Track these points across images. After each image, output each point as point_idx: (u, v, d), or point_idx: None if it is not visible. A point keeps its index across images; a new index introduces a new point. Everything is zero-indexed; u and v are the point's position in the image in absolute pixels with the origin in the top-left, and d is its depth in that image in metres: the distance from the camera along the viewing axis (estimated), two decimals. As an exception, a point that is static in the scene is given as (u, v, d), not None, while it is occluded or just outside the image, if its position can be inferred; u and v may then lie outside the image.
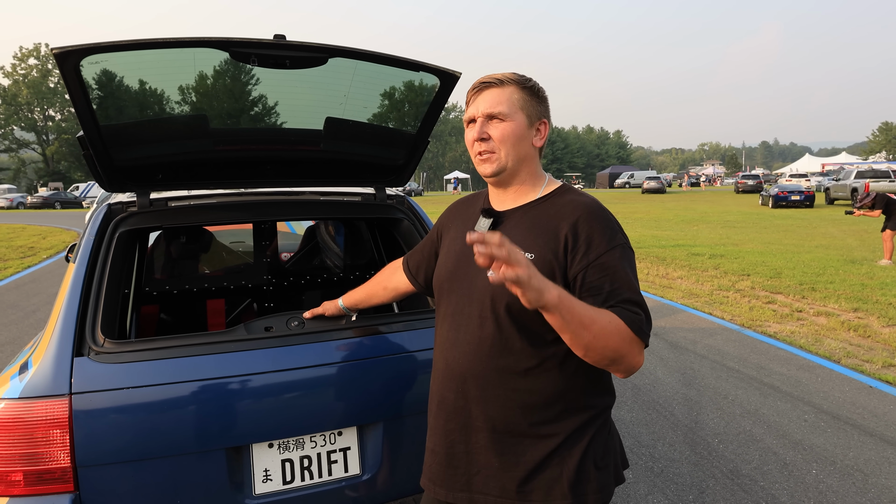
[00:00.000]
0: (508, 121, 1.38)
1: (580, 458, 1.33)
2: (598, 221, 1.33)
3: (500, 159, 1.39)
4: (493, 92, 1.38)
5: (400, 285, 1.81)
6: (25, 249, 14.46)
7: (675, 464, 3.38)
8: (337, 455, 1.87)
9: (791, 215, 21.81)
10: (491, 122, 1.39)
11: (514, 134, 1.38)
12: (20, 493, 1.58)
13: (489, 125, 1.39)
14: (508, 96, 1.38)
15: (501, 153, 1.39)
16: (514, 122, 1.38)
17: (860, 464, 3.36)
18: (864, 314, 6.74)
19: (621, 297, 1.25)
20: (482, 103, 1.39)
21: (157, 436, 1.64)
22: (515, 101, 1.38)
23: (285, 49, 1.86)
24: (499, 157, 1.39)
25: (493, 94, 1.38)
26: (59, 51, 1.64)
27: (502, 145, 1.38)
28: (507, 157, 1.39)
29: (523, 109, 1.39)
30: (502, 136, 1.38)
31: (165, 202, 2.28)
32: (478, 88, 1.40)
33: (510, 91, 1.39)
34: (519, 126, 1.39)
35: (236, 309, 3.33)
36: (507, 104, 1.38)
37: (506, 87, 1.39)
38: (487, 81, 1.39)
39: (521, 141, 1.40)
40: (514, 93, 1.39)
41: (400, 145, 2.44)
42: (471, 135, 1.41)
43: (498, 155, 1.39)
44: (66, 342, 1.68)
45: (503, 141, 1.38)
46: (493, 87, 1.39)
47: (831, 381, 4.69)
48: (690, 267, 10.16)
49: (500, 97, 1.38)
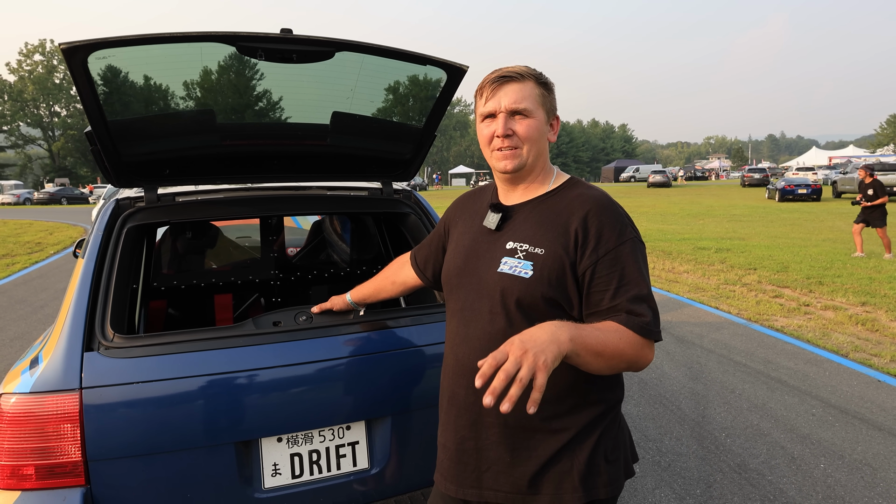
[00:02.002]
0: (532, 118, 1.36)
1: (591, 451, 1.33)
2: (609, 215, 1.32)
3: (521, 156, 1.38)
4: (514, 87, 1.35)
5: (408, 280, 1.80)
6: (33, 245, 14.55)
7: (683, 458, 3.37)
8: (345, 449, 1.87)
9: (798, 209, 21.70)
10: (514, 118, 1.36)
11: (537, 130, 1.37)
12: (32, 487, 1.59)
13: (513, 121, 1.36)
14: (530, 92, 1.36)
15: (524, 150, 1.37)
16: (536, 119, 1.37)
17: (868, 458, 3.35)
18: (872, 308, 6.70)
19: (629, 294, 1.25)
20: (505, 98, 1.35)
21: (166, 430, 1.65)
22: (536, 97, 1.37)
23: (292, 43, 1.85)
24: (521, 154, 1.38)
25: (515, 88, 1.35)
26: (67, 46, 1.64)
27: (526, 142, 1.37)
28: (528, 154, 1.38)
29: (543, 105, 1.38)
30: (528, 133, 1.36)
31: (173, 197, 2.28)
32: (497, 82, 1.37)
33: (530, 86, 1.37)
34: (541, 122, 1.38)
35: (244, 304, 3.34)
36: (530, 100, 1.36)
37: (526, 81, 1.36)
38: (507, 75, 1.36)
39: (542, 137, 1.39)
40: (533, 88, 1.37)
41: (407, 139, 2.43)
42: (490, 129, 1.38)
43: (521, 151, 1.37)
44: (76, 337, 1.69)
45: (528, 138, 1.36)
46: (514, 81, 1.36)
47: (839, 376, 4.67)
48: (697, 261, 10.12)
49: (523, 92, 1.35)
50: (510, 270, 1.33)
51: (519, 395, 0.99)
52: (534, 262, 1.31)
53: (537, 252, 1.32)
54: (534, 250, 1.33)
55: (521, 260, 1.33)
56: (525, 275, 1.31)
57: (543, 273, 1.30)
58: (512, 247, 1.36)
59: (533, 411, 0.98)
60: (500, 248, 1.38)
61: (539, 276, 1.30)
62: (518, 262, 1.33)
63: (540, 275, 1.30)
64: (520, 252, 1.34)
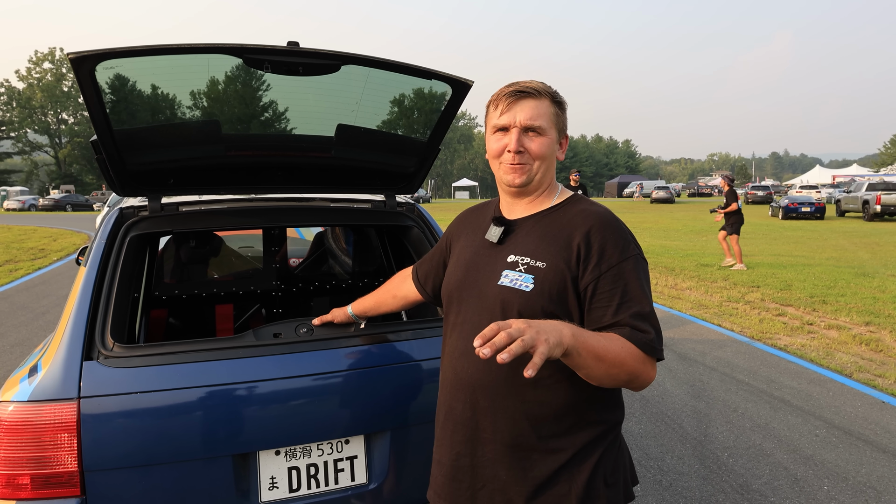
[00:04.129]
0: (545, 136, 1.37)
1: (590, 474, 1.31)
2: (611, 231, 1.32)
3: (531, 171, 1.38)
4: (531, 103, 1.36)
5: (409, 294, 1.80)
6: (36, 251, 14.58)
7: (684, 477, 3.34)
8: (344, 463, 1.86)
9: (801, 227, 21.66)
10: (528, 135, 1.36)
11: (549, 149, 1.38)
12: (27, 497, 1.57)
13: (526, 137, 1.36)
14: (545, 110, 1.37)
15: (534, 166, 1.38)
16: (549, 138, 1.37)
17: (873, 481, 3.31)
18: (877, 328, 6.66)
19: (632, 311, 1.24)
20: (521, 113, 1.35)
21: (164, 441, 1.64)
22: (551, 116, 1.37)
23: (298, 56, 1.86)
24: (530, 170, 1.38)
25: (531, 105, 1.35)
26: (75, 55, 1.65)
27: (537, 160, 1.37)
28: (537, 171, 1.38)
29: (556, 125, 1.39)
30: (540, 151, 1.37)
31: (176, 207, 2.29)
32: (514, 97, 1.36)
33: (546, 104, 1.37)
34: (553, 142, 1.39)
35: (245, 314, 3.33)
36: (545, 118, 1.36)
37: (542, 99, 1.37)
38: (524, 90, 1.36)
39: (552, 155, 1.40)
40: (549, 107, 1.37)
41: (411, 153, 2.44)
42: (502, 143, 1.38)
43: (530, 167, 1.38)
44: (75, 346, 1.68)
45: (539, 156, 1.37)
46: (530, 97, 1.36)
47: (843, 396, 4.63)
48: (699, 278, 10.09)
49: (539, 110, 1.36)
50: (511, 283, 1.32)
51: (518, 353, 0.97)
52: (535, 275, 1.31)
53: (538, 266, 1.31)
54: (535, 264, 1.32)
55: (521, 273, 1.32)
56: (526, 288, 1.30)
57: (544, 287, 1.29)
58: (513, 260, 1.36)
59: (530, 374, 0.97)
60: (502, 262, 1.37)
61: (540, 289, 1.29)
62: (519, 276, 1.32)
63: (541, 289, 1.29)
64: (521, 265, 1.34)
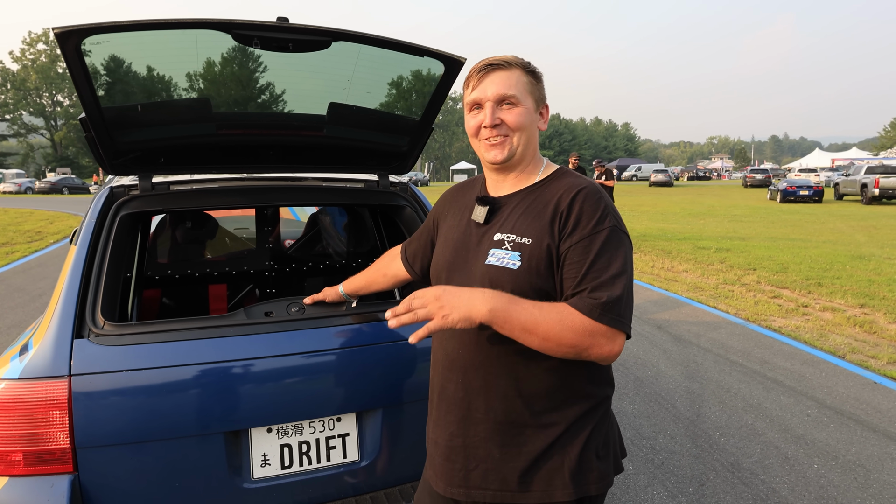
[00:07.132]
0: (520, 106, 1.34)
1: (582, 447, 1.32)
2: (590, 203, 1.29)
3: (511, 145, 1.35)
4: (500, 75, 1.33)
5: (399, 273, 1.79)
6: (33, 234, 14.54)
7: (676, 456, 3.37)
8: (335, 441, 1.87)
9: (799, 210, 21.65)
10: (502, 107, 1.34)
11: (526, 118, 1.35)
12: (20, 473, 1.59)
13: (500, 110, 1.34)
14: (517, 80, 1.34)
15: (514, 139, 1.35)
16: (524, 108, 1.35)
17: (862, 459, 3.34)
18: (871, 310, 6.69)
19: (595, 282, 1.21)
20: (490, 86, 1.33)
21: (155, 418, 1.64)
22: (524, 85, 1.35)
23: (288, 32, 1.84)
24: (510, 143, 1.35)
25: (501, 76, 1.33)
26: (61, 31, 1.62)
27: (516, 131, 1.35)
28: (518, 143, 1.36)
29: (531, 94, 1.37)
30: (516, 121, 1.34)
31: (167, 186, 2.27)
32: (483, 70, 1.34)
33: (518, 74, 1.35)
34: (529, 111, 1.36)
35: (238, 294, 3.33)
36: (517, 87, 1.33)
37: (513, 70, 1.34)
38: (493, 63, 1.34)
39: (531, 125, 1.37)
40: (521, 76, 1.35)
41: (404, 132, 2.42)
42: (477, 120, 1.36)
43: (510, 140, 1.35)
44: (66, 324, 1.68)
45: (517, 126, 1.34)
46: (499, 69, 1.34)
47: (835, 377, 4.67)
48: (696, 260, 10.11)
49: (510, 80, 1.33)
50: (498, 262, 1.31)
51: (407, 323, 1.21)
52: (521, 252, 1.30)
53: (524, 242, 1.31)
54: (521, 241, 1.31)
55: (508, 251, 1.31)
56: (513, 266, 1.29)
57: (532, 263, 1.29)
58: (499, 238, 1.35)
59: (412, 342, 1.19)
60: (488, 241, 1.36)
61: (527, 266, 1.29)
62: (505, 254, 1.31)
63: (528, 265, 1.29)
64: (507, 243, 1.33)
